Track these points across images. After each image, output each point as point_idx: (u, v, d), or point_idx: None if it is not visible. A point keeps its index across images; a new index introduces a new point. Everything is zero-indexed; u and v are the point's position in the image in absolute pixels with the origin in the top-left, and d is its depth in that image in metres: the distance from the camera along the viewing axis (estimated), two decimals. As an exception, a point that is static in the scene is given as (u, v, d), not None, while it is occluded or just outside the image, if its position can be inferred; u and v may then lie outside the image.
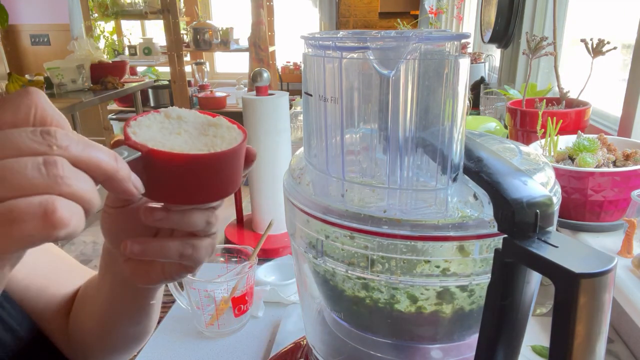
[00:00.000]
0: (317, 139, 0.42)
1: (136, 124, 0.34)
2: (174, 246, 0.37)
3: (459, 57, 0.36)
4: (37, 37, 4.66)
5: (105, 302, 0.51)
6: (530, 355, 0.70)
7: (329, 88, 0.38)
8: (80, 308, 0.57)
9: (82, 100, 2.77)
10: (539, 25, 1.68)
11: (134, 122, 0.34)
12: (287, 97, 1.05)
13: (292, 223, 0.47)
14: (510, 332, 0.36)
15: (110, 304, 0.51)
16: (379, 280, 0.41)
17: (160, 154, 0.32)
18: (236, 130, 0.36)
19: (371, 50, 0.36)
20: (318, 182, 0.42)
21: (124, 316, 0.52)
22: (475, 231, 0.37)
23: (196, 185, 0.33)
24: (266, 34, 3.80)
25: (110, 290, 0.49)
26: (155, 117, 0.36)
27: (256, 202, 1.09)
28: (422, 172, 0.38)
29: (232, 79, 4.83)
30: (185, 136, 0.35)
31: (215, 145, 0.34)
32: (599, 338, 0.30)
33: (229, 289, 0.76)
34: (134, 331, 0.56)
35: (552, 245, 0.31)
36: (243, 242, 1.07)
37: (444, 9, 3.12)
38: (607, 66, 1.19)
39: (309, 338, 0.55)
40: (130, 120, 0.34)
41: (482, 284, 0.40)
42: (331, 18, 4.95)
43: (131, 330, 0.55)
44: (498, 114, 1.64)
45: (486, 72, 2.17)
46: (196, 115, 0.37)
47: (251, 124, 1.02)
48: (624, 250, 0.72)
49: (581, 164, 0.78)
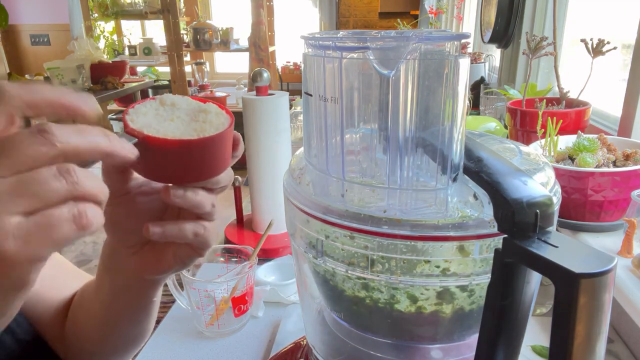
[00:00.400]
0: (317, 139, 0.42)
1: (134, 112, 0.38)
2: (189, 226, 0.40)
3: (459, 57, 0.36)
4: (37, 37, 4.66)
5: (105, 303, 0.50)
6: (530, 355, 0.70)
7: (329, 88, 0.38)
8: (77, 312, 0.57)
9: (82, 100, 2.76)
10: (539, 25, 1.68)
11: (132, 109, 0.38)
12: (287, 97, 1.05)
13: (292, 223, 0.47)
14: (510, 332, 0.36)
15: (111, 305, 0.50)
16: (379, 280, 0.41)
17: (155, 140, 0.35)
18: (224, 115, 0.40)
19: (371, 50, 0.36)
20: (318, 182, 0.42)
21: (124, 317, 0.52)
22: (475, 231, 0.37)
23: (187, 166, 0.37)
24: (266, 34, 3.80)
25: (110, 291, 0.49)
26: (151, 104, 0.39)
27: (256, 202, 1.09)
28: (422, 172, 0.38)
29: (232, 79, 4.83)
30: (177, 122, 0.38)
31: (204, 130, 0.37)
32: (599, 338, 0.30)
33: (229, 289, 0.76)
34: (133, 332, 0.55)
35: (552, 245, 0.31)
36: (243, 242, 1.07)
37: (444, 9, 3.12)
38: (607, 66, 1.19)
39: (309, 338, 0.55)
40: (129, 108, 0.38)
41: (482, 284, 0.40)
42: (331, 18, 4.95)
43: (131, 331, 0.55)
44: (498, 114, 1.64)
45: (486, 72, 2.17)
46: (189, 101, 0.40)
47: (251, 124, 1.02)
48: (624, 250, 0.72)
49: (581, 164, 0.78)
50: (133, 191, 0.41)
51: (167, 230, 0.39)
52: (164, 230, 0.39)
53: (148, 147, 0.35)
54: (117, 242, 0.44)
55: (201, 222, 0.40)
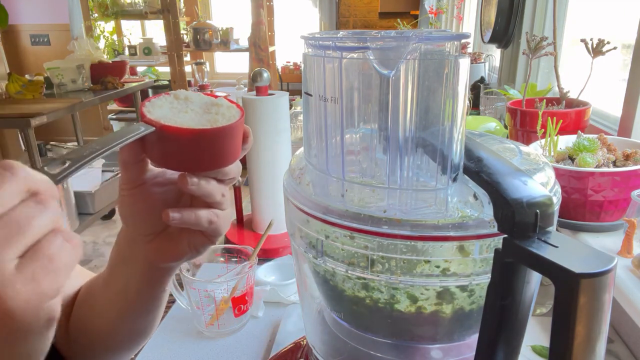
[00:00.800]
0: (317, 139, 0.42)
1: (150, 105, 0.40)
2: (204, 213, 0.42)
3: (459, 57, 0.36)
4: (37, 37, 4.66)
5: (117, 295, 0.51)
6: (530, 355, 0.70)
7: (329, 88, 0.38)
8: (83, 308, 0.57)
9: (82, 100, 2.76)
10: (539, 25, 1.68)
11: (148, 102, 0.40)
12: (287, 97, 1.05)
13: (292, 223, 0.47)
14: (510, 332, 0.36)
15: (123, 296, 0.51)
16: (379, 280, 0.41)
17: (171, 129, 0.37)
18: (235, 109, 0.42)
19: (371, 50, 0.36)
20: (318, 182, 0.42)
21: (136, 307, 0.53)
22: (475, 231, 0.37)
23: (200, 155, 0.39)
24: (266, 34, 3.80)
25: (124, 281, 0.50)
26: (166, 99, 0.41)
27: (256, 202, 1.09)
28: (422, 172, 0.38)
29: (232, 79, 4.83)
30: (191, 114, 0.40)
31: (216, 121, 0.39)
32: (599, 338, 0.30)
33: (229, 289, 0.76)
34: (142, 323, 0.56)
35: (552, 245, 0.31)
36: (243, 242, 1.07)
37: (444, 9, 3.12)
38: (607, 66, 1.19)
39: (309, 338, 0.55)
40: (145, 102, 0.40)
41: (482, 284, 0.40)
42: (331, 18, 4.95)
43: (140, 322, 0.55)
44: (498, 114, 1.64)
45: (486, 72, 2.17)
46: (201, 96, 0.43)
47: (251, 124, 1.02)
48: (624, 250, 0.72)
49: (581, 164, 0.78)
50: (149, 182, 0.43)
51: (185, 216, 0.41)
52: (182, 216, 0.41)
53: (164, 136, 0.37)
54: (134, 231, 0.46)
55: (214, 210, 0.43)
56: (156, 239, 0.45)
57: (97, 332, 0.55)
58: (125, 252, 0.48)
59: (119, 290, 0.51)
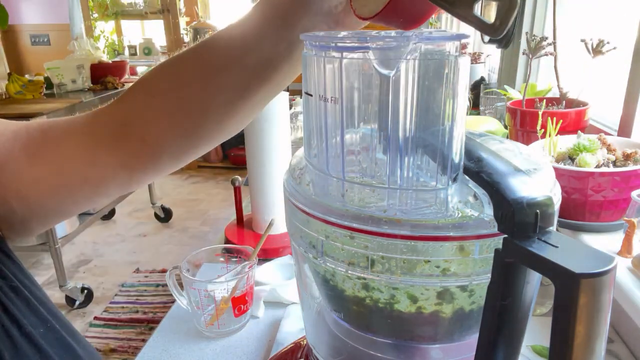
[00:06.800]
0: (317, 139, 0.42)
1: None
2: None
3: (459, 57, 0.36)
4: (37, 37, 4.66)
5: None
6: (530, 355, 0.70)
7: (329, 88, 0.38)
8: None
9: (82, 100, 2.76)
10: (539, 25, 1.68)
11: None
12: (287, 97, 1.05)
13: (292, 223, 0.47)
14: (510, 332, 0.36)
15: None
16: (379, 280, 0.41)
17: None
18: None
19: (371, 50, 0.36)
20: (318, 182, 0.42)
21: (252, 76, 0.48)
22: (475, 231, 0.37)
23: None
24: (266, 34, 3.79)
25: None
26: None
27: (256, 202, 1.09)
28: (422, 172, 0.38)
29: (232, 79, 4.82)
30: None
31: None
32: (599, 338, 0.30)
33: (229, 289, 0.76)
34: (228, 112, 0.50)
35: (552, 245, 0.31)
36: (243, 242, 1.07)
37: (444, 9, 3.11)
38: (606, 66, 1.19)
39: (309, 338, 0.55)
40: None
41: (482, 284, 0.40)
42: (331, 18, 4.94)
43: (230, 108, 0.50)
44: (498, 114, 1.64)
45: (486, 72, 2.17)
46: None
47: (251, 124, 1.02)
48: (624, 250, 0.72)
49: (581, 164, 0.78)
50: None
51: None
52: None
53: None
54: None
55: None
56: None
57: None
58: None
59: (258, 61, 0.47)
